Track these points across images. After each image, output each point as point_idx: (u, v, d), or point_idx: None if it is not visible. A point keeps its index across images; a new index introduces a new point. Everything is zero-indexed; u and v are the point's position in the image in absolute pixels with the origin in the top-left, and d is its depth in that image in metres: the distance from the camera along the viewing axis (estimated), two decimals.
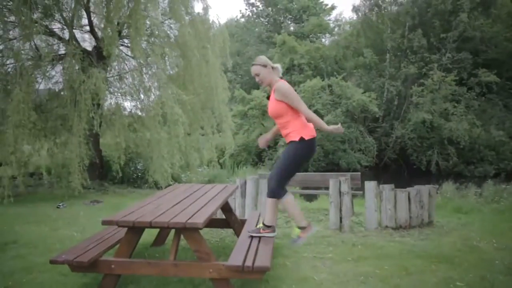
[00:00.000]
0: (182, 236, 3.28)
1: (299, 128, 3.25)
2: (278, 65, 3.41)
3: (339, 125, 3.30)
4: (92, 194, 9.24)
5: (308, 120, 3.28)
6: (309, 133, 3.27)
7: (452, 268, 3.79)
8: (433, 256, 4.12)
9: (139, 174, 10.96)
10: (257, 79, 3.37)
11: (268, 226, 3.42)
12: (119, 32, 9.52)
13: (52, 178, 9.49)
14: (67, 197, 8.25)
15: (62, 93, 9.80)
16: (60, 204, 7.59)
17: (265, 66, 3.31)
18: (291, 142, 3.29)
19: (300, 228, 3.36)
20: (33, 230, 5.43)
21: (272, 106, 3.33)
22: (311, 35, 24.70)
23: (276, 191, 3.30)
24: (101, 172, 10.78)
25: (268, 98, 3.44)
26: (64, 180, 8.94)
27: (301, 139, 3.23)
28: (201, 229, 2.90)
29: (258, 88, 21.45)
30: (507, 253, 4.31)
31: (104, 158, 10.92)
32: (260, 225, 3.47)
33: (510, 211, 6.86)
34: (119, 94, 11.04)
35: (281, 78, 3.42)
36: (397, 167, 19.49)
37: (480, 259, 4.06)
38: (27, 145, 9.03)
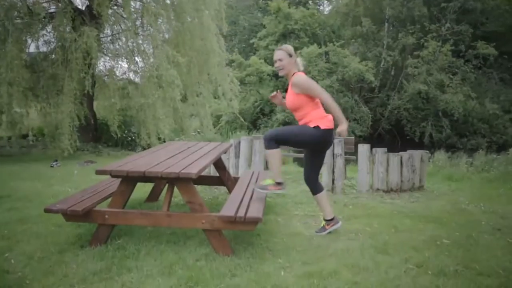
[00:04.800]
0: (175, 196, 3.32)
1: (316, 118, 3.24)
2: (299, 59, 3.39)
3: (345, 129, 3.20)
4: (86, 155, 9.25)
5: (327, 108, 3.23)
6: (326, 123, 3.25)
7: (440, 227, 3.88)
8: (422, 217, 4.22)
9: (133, 137, 10.94)
10: (277, 64, 3.32)
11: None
12: None
13: (46, 139, 9.43)
14: (60, 157, 8.25)
15: (53, 53, 9.61)
16: (53, 163, 7.60)
17: (290, 55, 3.30)
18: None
19: (273, 180, 3.39)
20: (28, 186, 5.47)
21: (291, 99, 3.31)
22: (308, 2, 24.14)
23: (271, 143, 3.25)
24: (95, 134, 10.74)
25: (285, 90, 3.40)
26: (57, 141, 8.91)
27: (316, 127, 3.22)
28: (194, 179, 2.92)
29: (255, 53, 21.15)
30: (493, 215, 4.42)
31: (98, 120, 10.85)
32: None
33: (499, 180, 6.99)
34: (113, 56, 10.83)
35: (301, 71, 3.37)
36: (391, 137, 19.58)
37: (467, 220, 4.16)
38: (18, 108, 8.91)
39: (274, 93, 3.54)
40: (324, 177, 5.30)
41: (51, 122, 9.34)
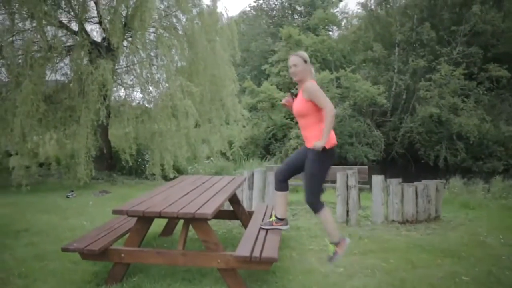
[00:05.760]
0: (190, 227, 3.34)
1: (320, 134, 3.17)
2: (312, 68, 3.40)
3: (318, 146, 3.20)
4: (101, 184, 9.35)
5: (325, 120, 3.17)
6: (330, 141, 3.21)
7: (458, 262, 3.80)
8: (439, 250, 4.14)
9: (146, 165, 11.05)
10: (292, 69, 3.30)
11: (281, 219, 3.51)
12: (125, 24, 9.56)
13: (61, 169, 9.60)
14: (75, 187, 8.37)
15: (71, 84, 9.90)
16: (69, 194, 7.70)
17: (305, 61, 3.30)
18: (312, 150, 3.20)
19: (334, 244, 3.33)
20: (44, 219, 5.53)
21: (298, 104, 3.30)
22: (318, 28, 24.51)
23: (316, 205, 3.28)
24: (109, 163, 10.89)
25: (295, 96, 3.40)
26: (72, 171, 9.07)
27: (323, 148, 3.17)
28: (209, 219, 2.94)
29: (267, 79, 21.40)
30: None
31: (113, 149, 11.02)
32: (273, 218, 3.54)
33: None
34: (127, 86, 11.10)
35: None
36: (405, 161, 19.40)
37: (487, 254, 4.07)
38: (36, 136, 9.15)
39: (286, 98, 3.50)
40: (338, 208, 5.27)
41: (67, 152, 9.54)
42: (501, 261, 3.86)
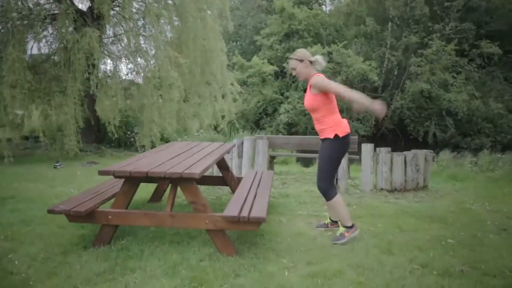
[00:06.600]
0: (178, 196, 3.31)
1: (333, 124, 3.25)
2: (317, 57, 3.33)
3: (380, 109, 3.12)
4: (89, 156, 9.25)
5: (349, 100, 3.14)
6: (343, 130, 3.27)
7: (444, 227, 3.85)
8: (427, 216, 4.19)
9: (135, 137, 10.95)
10: (293, 73, 3.34)
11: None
12: None
13: (46, 140, 9.44)
14: (63, 158, 8.26)
15: (55, 54, 9.63)
16: (56, 164, 7.61)
17: (301, 60, 3.28)
18: (326, 139, 3.29)
19: (345, 227, 3.37)
20: (31, 187, 5.47)
21: (308, 99, 3.32)
22: (311, 2, 24.08)
23: (329, 191, 3.33)
24: (97, 135, 10.76)
25: (304, 91, 3.41)
26: (59, 142, 8.93)
27: (336, 136, 3.23)
28: (197, 179, 2.90)
29: (257, 54, 21.14)
30: (498, 215, 4.39)
31: (101, 121, 10.86)
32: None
33: (504, 179, 6.93)
34: (115, 57, 10.84)
35: (319, 72, 3.34)
36: (394, 137, 19.52)
37: (472, 220, 4.13)
38: (20, 110, 8.93)
39: None
40: None
41: (53, 123, 9.37)
42: (486, 226, 3.92)
